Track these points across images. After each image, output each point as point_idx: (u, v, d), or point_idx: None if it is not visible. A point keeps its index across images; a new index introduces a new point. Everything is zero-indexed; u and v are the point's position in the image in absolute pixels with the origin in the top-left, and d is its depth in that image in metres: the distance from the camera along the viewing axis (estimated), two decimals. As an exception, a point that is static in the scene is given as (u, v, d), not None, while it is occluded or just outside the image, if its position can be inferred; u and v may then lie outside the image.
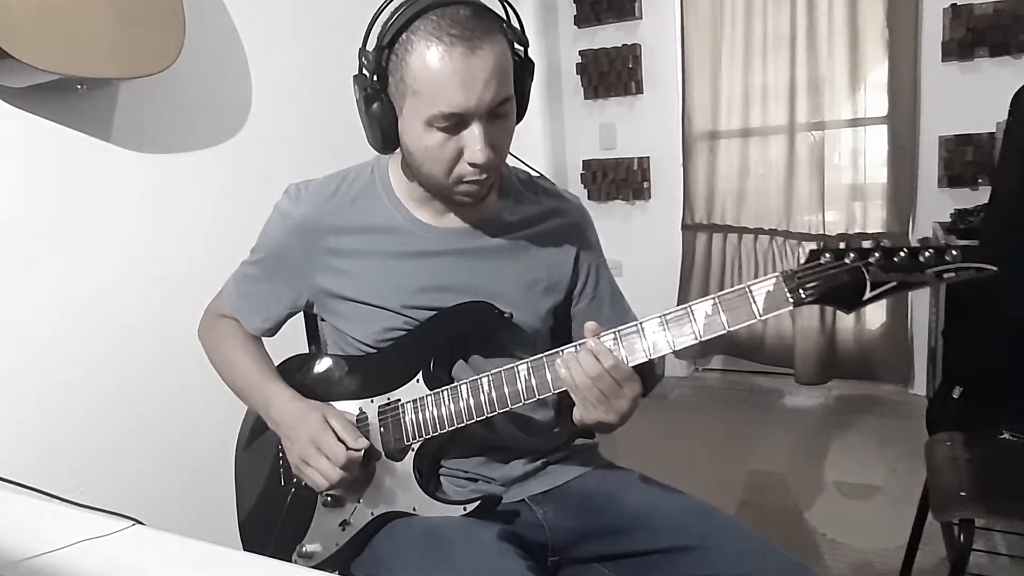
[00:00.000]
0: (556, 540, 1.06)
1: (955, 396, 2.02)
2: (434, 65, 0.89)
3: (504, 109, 0.95)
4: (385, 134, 0.98)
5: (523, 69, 0.99)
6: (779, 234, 3.29)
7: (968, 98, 2.86)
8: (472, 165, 0.95)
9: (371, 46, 0.96)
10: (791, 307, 0.85)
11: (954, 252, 0.80)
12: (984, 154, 2.86)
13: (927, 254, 0.80)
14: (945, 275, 0.80)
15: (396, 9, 0.92)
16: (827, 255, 0.84)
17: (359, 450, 1.00)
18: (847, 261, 0.83)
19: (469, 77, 0.89)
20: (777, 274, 0.86)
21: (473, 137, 0.93)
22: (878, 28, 2.98)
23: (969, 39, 2.82)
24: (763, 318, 0.86)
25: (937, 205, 2.95)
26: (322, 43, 2.18)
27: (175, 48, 1.58)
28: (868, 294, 0.83)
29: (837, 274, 0.84)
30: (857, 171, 3.15)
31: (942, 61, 2.90)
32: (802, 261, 0.86)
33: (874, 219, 3.17)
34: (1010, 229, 1.90)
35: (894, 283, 0.82)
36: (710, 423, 3.15)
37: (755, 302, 0.86)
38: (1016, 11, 2.74)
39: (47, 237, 1.57)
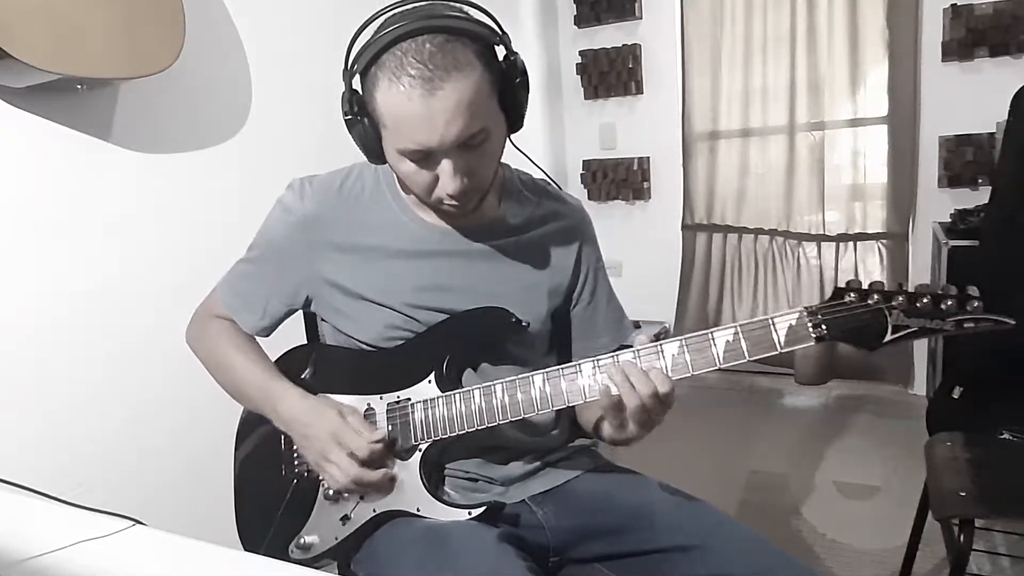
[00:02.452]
0: (556, 540, 1.06)
1: (955, 396, 2.02)
2: (395, 105, 0.89)
3: (476, 140, 0.93)
4: (369, 151, 0.99)
5: (510, 86, 0.96)
6: (779, 234, 3.29)
7: (968, 98, 2.86)
8: (447, 194, 0.95)
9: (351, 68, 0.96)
10: (812, 343, 0.86)
11: (975, 303, 0.82)
12: (984, 154, 2.86)
13: (949, 302, 0.82)
14: (965, 324, 0.82)
15: (369, 38, 0.91)
16: (851, 295, 0.85)
17: (378, 442, 1.00)
18: (871, 303, 0.84)
19: (428, 118, 0.88)
20: (801, 308, 0.87)
21: (444, 171, 0.94)
22: (878, 28, 2.97)
23: (969, 39, 2.81)
24: (784, 351, 0.87)
25: (937, 205, 2.95)
26: (322, 43, 2.18)
27: (175, 48, 1.58)
28: (889, 337, 0.84)
29: (860, 315, 0.85)
30: (857, 171, 3.15)
31: (942, 61, 2.89)
32: (826, 298, 0.87)
33: (874, 219, 3.16)
34: (1010, 229, 1.90)
35: (915, 328, 0.83)
36: (710, 423, 3.14)
37: (777, 334, 0.87)
38: (1016, 11, 2.73)
39: (47, 237, 1.57)
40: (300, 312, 1.20)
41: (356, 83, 0.95)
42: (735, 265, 3.43)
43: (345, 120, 0.97)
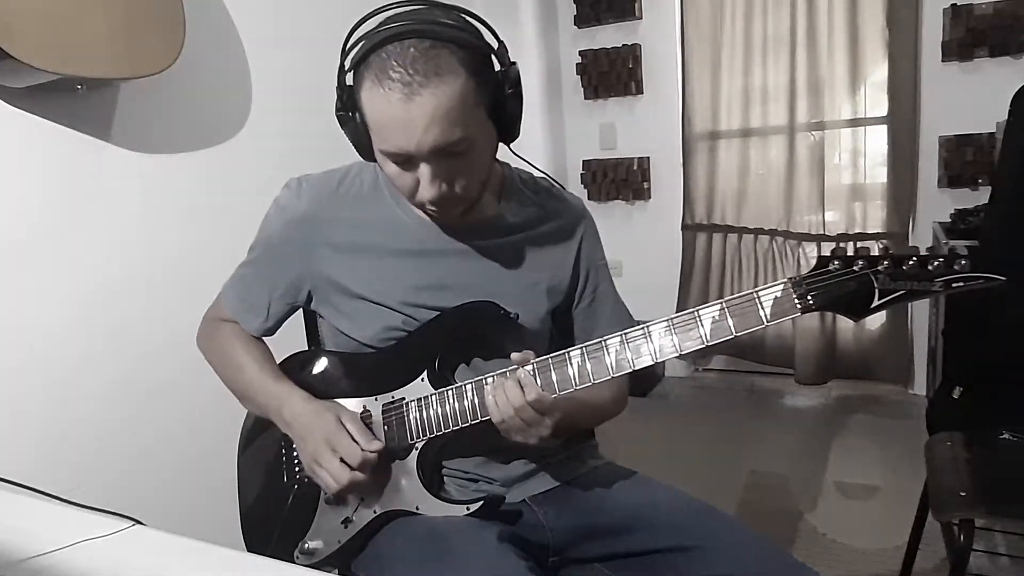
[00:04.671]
0: (556, 540, 1.06)
1: (955, 396, 2.01)
2: (376, 107, 0.90)
3: (457, 148, 0.92)
4: (361, 148, 1.00)
5: (501, 97, 0.96)
6: (779, 234, 3.29)
7: (968, 98, 2.86)
8: (426, 199, 0.96)
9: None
10: (799, 314, 0.85)
11: (963, 262, 0.79)
12: (984, 154, 2.86)
13: (936, 263, 0.80)
14: (953, 284, 0.79)
15: (359, 38, 0.92)
16: (836, 262, 0.84)
17: (373, 452, 1.00)
18: (856, 268, 0.83)
19: (407, 123, 0.89)
20: (785, 280, 0.85)
21: (423, 175, 0.94)
22: (878, 28, 2.98)
23: (969, 39, 2.82)
24: (770, 324, 0.86)
25: (937, 205, 2.95)
26: (322, 43, 2.17)
27: (175, 48, 1.58)
28: (876, 302, 0.82)
29: (845, 281, 0.83)
30: (857, 171, 3.16)
31: (942, 61, 2.90)
32: (811, 267, 0.85)
33: (874, 219, 3.17)
34: (1010, 229, 1.89)
35: (903, 291, 0.82)
36: (710, 423, 3.15)
37: (763, 308, 0.86)
38: (1016, 11, 2.74)
39: (47, 237, 1.57)
40: (300, 313, 1.20)
41: (351, 80, 0.96)
42: (735, 265, 3.43)
43: (337, 116, 0.98)
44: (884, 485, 2.43)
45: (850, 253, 0.84)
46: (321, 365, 1.13)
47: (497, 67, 0.96)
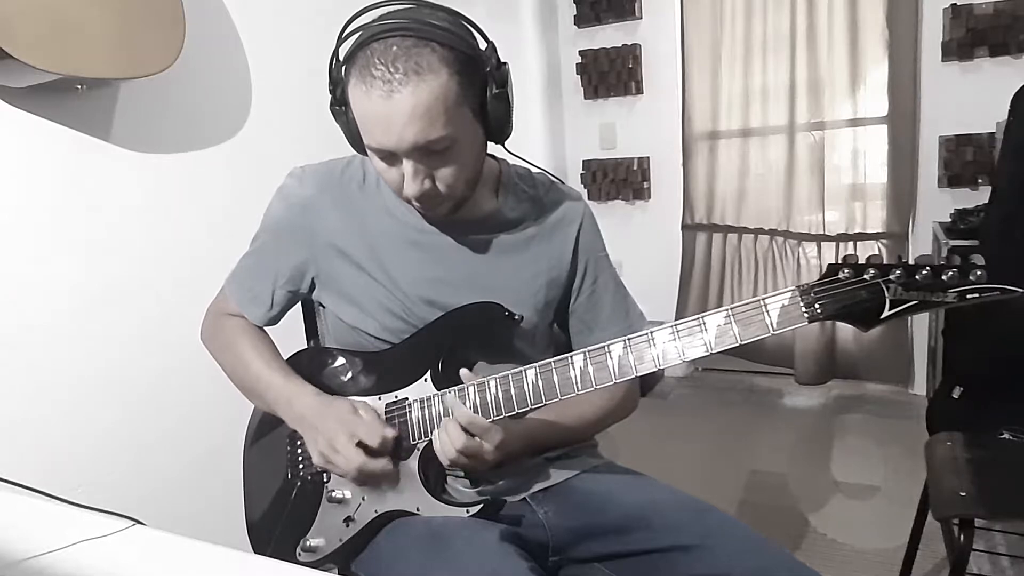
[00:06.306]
0: (556, 539, 1.06)
1: (955, 396, 2.02)
2: (359, 103, 0.92)
3: (438, 146, 0.93)
4: (353, 142, 1.02)
5: (488, 96, 0.96)
6: (779, 234, 3.29)
7: (968, 98, 2.86)
8: (411, 195, 0.97)
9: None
10: (806, 323, 0.83)
11: (978, 272, 0.77)
12: (984, 154, 2.86)
13: (950, 273, 0.77)
14: (969, 295, 0.77)
15: (349, 33, 0.94)
16: (846, 270, 0.82)
17: (390, 435, 1.00)
18: (867, 277, 0.81)
19: (387, 120, 0.90)
20: (793, 288, 0.84)
21: (406, 172, 0.95)
22: (878, 28, 2.98)
23: (969, 39, 2.82)
24: (776, 332, 0.84)
25: (937, 205, 2.95)
26: (322, 42, 2.18)
27: (175, 48, 1.58)
28: (887, 312, 0.80)
29: (855, 290, 0.81)
30: (857, 171, 3.15)
31: (942, 61, 2.90)
32: (820, 273, 0.84)
33: (874, 219, 3.17)
34: (1010, 229, 1.90)
35: (915, 302, 0.80)
36: (710, 423, 3.15)
37: (769, 315, 0.84)
38: (1016, 11, 2.74)
39: (47, 237, 1.57)
40: (299, 307, 1.20)
41: (342, 75, 0.97)
42: (735, 265, 3.43)
43: (331, 110, 1.00)
44: (884, 485, 2.43)
45: (862, 261, 0.82)
46: (326, 363, 1.13)
47: (486, 67, 0.96)
